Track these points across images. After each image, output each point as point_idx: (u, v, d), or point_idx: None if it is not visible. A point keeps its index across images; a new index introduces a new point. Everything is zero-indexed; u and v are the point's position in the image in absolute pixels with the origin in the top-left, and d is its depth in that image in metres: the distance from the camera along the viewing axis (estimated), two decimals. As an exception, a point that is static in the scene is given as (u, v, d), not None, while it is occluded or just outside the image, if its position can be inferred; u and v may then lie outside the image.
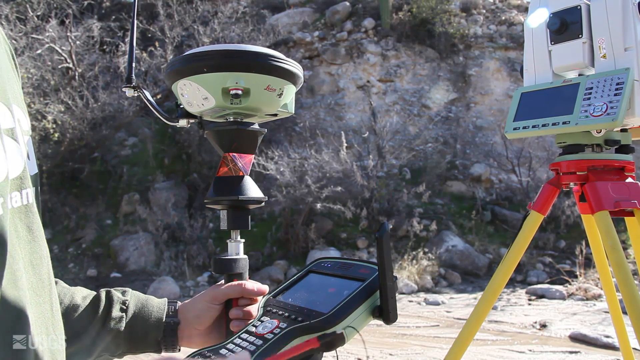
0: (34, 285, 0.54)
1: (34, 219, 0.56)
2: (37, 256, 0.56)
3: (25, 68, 7.88)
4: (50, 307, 0.57)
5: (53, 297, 0.59)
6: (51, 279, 0.59)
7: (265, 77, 0.70)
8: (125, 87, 0.77)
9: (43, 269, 0.57)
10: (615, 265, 1.27)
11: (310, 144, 8.18)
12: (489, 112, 9.51)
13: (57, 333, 0.58)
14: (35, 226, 0.56)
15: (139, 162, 8.78)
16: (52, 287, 0.59)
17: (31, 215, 0.56)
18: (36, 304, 0.54)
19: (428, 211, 7.77)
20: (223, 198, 0.73)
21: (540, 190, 1.47)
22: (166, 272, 6.73)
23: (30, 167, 0.59)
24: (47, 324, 0.56)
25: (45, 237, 0.59)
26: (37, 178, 0.61)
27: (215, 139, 0.75)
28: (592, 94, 1.28)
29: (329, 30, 10.29)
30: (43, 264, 0.57)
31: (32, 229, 0.56)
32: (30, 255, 0.55)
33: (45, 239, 0.59)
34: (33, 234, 0.56)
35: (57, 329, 0.58)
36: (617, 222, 1.36)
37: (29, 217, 0.56)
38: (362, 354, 3.80)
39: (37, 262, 0.56)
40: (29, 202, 0.56)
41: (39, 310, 0.54)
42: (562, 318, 4.71)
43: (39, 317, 0.54)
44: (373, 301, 0.71)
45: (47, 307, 0.56)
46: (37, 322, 0.53)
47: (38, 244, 0.56)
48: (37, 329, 0.53)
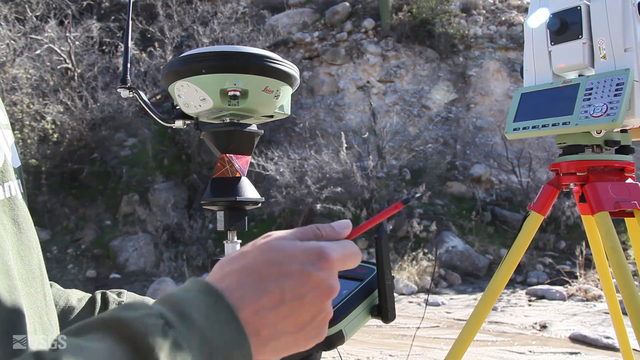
0: (24, 277, 0.54)
1: (19, 211, 0.56)
2: (25, 247, 0.55)
3: (24, 68, 7.88)
4: (43, 297, 0.57)
5: (45, 287, 0.58)
6: (42, 270, 0.58)
7: (263, 78, 0.70)
8: (120, 88, 0.77)
9: (33, 261, 0.56)
10: (615, 266, 1.26)
11: (310, 145, 8.18)
12: (489, 112, 9.51)
13: (52, 322, 0.58)
14: (22, 218, 0.56)
15: (138, 163, 8.78)
16: (44, 277, 0.58)
17: (16, 207, 0.55)
18: (27, 295, 0.53)
19: (428, 212, 7.77)
20: (220, 199, 0.72)
21: (540, 191, 1.46)
22: (165, 273, 6.73)
23: (13, 159, 0.58)
24: (42, 313, 0.55)
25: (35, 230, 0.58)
26: (21, 170, 0.61)
27: (212, 140, 0.75)
28: (592, 94, 1.28)
29: (328, 31, 10.29)
30: (33, 255, 0.56)
31: (18, 221, 0.55)
32: (18, 247, 0.54)
33: (34, 230, 0.58)
34: (19, 226, 0.55)
35: (52, 318, 0.58)
36: (617, 223, 1.36)
37: (14, 209, 0.55)
38: (362, 354, 3.80)
39: (25, 254, 0.55)
40: (12, 194, 0.55)
41: (31, 301, 0.54)
42: (562, 319, 4.71)
43: (32, 308, 0.53)
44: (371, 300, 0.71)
45: (40, 297, 0.56)
46: (31, 313, 0.53)
47: (26, 236, 0.56)
48: (30, 319, 0.52)
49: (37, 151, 7.70)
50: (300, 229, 0.54)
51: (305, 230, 0.54)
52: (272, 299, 0.47)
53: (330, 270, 0.50)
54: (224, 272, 0.49)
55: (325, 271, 0.49)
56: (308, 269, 0.48)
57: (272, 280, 0.47)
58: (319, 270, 0.49)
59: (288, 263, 0.48)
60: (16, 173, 0.58)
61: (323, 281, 0.49)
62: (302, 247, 0.50)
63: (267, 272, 0.48)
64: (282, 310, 0.47)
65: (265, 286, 0.47)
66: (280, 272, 0.48)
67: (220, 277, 0.48)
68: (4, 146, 0.56)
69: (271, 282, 0.47)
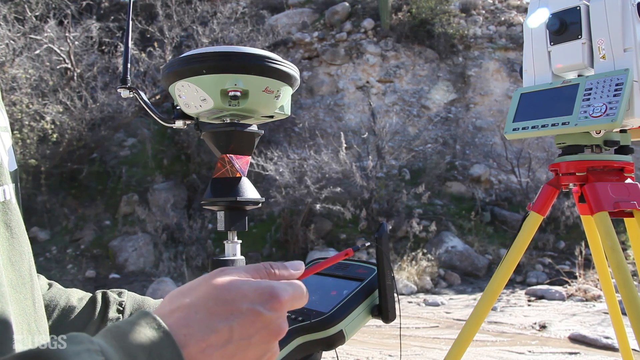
0: (14, 282, 0.54)
1: (12, 215, 0.56)
2: (17, 252, 0.55)
3: (23, 68, 7.88)
4: (32, 304, 0.56)
5: (35, 293, 0.58)
6: (33, 275, 0.58)
7: (264, 79, 0.70)
8: (120, 88, 0.77)
9: (24, 266, 0.56)
10: (614, 266, 1.27)
11: (310, 145, 8.18)
12: (489, 112, 9.51)
13: (40, 329, 0.57)
14: (14, 223, 0.56)
15: (137, 163, 8.78)
16: (35, 283, 0.58)
17: (9, 212, 0.55)
18: (16, 301, 0.53)
19: (427, 212, 7.77)
20: (220, 199, 0.72)
21: (539, 191, 1.46)
22: (165, 273, 6.73)
23: (9, 163, 0.58)
24: (29, 320, 0.55)
25: (27, 234, 0.58)
26: (17, 174, 0.61)
27: (213, 140, 0.75)
28: (592, 94, 1.28)
29: (328, 31, 10.29)
30: (24, 260, 0.56)
31: (11, 226, 0.55)
32: (9, 252, 0.54)
33: (26, 235, 0.58)
34: (11, 230, 0.55)
35: (40, 325, 0.58)
36: (617, 223, 1.36)
37: (7, 214, 0.55)
38: (361, 354, 3.80)
39: (16, 259, 0.55)
40: (6, 198, 0.55)
41: (19, 307, 0.54)
42: (562, 319, 4.71)
43: (20, 314, 0.53)
44: (372, 300, 0.72)
45: (28, 304, 0.56)
46: (19, 319, 0.53)
47: (17, 241, 0.56)
48: (18, 325, 0.52)
49: (36, 151, 7.70)
50: (253, 266, 0.54)
51: (258, 268, 0.54)
52: (219, 337, 0.46)
53: (280, 311, 0.50)
54: (173, 306, 0.48)
55: (275, 312, 0.49)
56: (258, 308, 0.48)
57: (221, 319, 0.47)
58: (268, 311, 0.49)
59: (239, 302, 0.48)
60: (11, 177, 0.58)
61: (272, 321, 0.49)
62: (254, 286, 0.50)
63: (217, 309, 0.47)
64: (229, 349, 0.47)
65: (213, 324, 0.46)
66: (230, 311, 0.47)
67: (170, 311, 0.47)
68: (0, 149, 0.56)
69: (220, 320, 0.47)
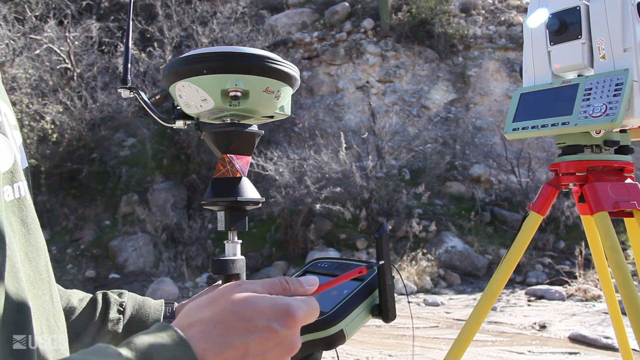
0: (32, 278, 0.54)
1: (27, 212, 0.56)
2: (34, 249, 0.56)
3: (23, 68, 7.87)
4: (50, 299, 0.57)
5: (53, 289, 0.59)
6: (49, 271, 0.59)
7: (264, 79, 0.70)
8: (120, 88, 0.77)
9: (41, 262, 0.57)
10: (614, 266, 1.27)
11: (310, 145, 8.18)
12: (489, 112, 9.52)
13: (59, 325, 0.58)
14: (30, 219, 0.56)
15: (137, 163, 8.78)
16: (51, 279, 0.59)
17: (25, 208, 0.56)
18: (35, 297, 0.54)
19: (427, 212, 7.77)
20: (221, 199, 0.72)
21: (539, 191, 1.46)
22: (165, 273, 6.73)
23: (22, 160, 0.59)
24: (48, 315, 0.56)
25: (41, 230, 0.59)
26: (28, 171, 0.61)
27: (213, 140, 0.75)
28: (592, 94, 1.28)
29: (328, 31, 10.29)
30: (40, 256, 0.57)
31: (27, 222, 0.56)
32: (26, 249, 0.54)
33: (41, 231, 0.59)
34: (28, 227, 0.56)
35: (59, 320, 0.58)
36: (617, 223, 1.36)
37: (23, 210, 0.55)
38: (361, 354, 3.80)
39: (33, 255, 0.55)
40: (21, 195, 0.56)
41: (38, 303, 0.54)
42: (562, 319, 4.71)
43: (39, 309, 0.54)
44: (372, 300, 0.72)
45: (47, 299, 0.56)
46: (38, 314, 0.53)
47: (34, 237, 0.56)
48: (37, 321, 0.52)
49: (36, 151, 7.69)
50: (269, 281, 0.57)
51: (274, 284, 0.56)
52: (236, 353, 0.48)
53: (294, 329, 0.52)
54: (192, 320, 0.50)
55: (289, 329, 0.51)
56: (274, 326, 0.50)
57: (238, 335, 0.49)
58: (283, 328, 0.51)
59: (255, 318, 0.50)
60: (24, 174, 0.58)
61: (287, 338, 0.51)
62: (270, 302, 0.52)
63: (235, 325, 0.49)
64: None
65: (230, 340, 0.49)
66: (246, 327, 0.50)
67: (188, 325, 0.50)
68: (13, 147, 0.57)
69: (237, 336, 0.49)
